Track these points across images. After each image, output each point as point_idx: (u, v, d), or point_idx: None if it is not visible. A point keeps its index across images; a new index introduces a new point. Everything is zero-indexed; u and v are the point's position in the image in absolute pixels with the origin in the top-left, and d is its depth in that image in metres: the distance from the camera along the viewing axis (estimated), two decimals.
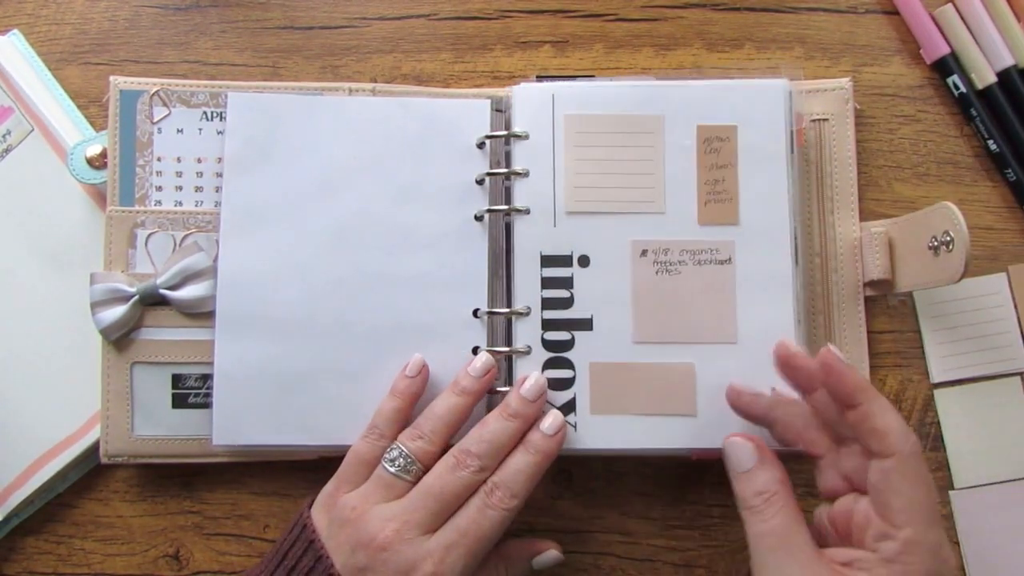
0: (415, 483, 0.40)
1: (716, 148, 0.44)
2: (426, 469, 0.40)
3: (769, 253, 0.43)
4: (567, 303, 0.44)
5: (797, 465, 0.40)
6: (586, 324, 0.43)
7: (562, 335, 0.43)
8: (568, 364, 0.43)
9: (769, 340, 0.43)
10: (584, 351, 0.43)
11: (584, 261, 0.44)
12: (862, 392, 0.36)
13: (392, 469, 0.40)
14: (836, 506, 0.37)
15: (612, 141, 0.44)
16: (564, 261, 0.44)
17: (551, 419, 0.41)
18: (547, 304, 0.44)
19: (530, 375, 0.42)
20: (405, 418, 0.42)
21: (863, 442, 0.36)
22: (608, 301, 0.43)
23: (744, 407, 0.40)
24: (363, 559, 0.38)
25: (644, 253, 0.43)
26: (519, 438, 0.40)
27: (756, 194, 0.43)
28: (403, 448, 0.40)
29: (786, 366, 0.39)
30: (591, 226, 0.44)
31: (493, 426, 0.40)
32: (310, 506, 0.41)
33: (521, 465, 0.40)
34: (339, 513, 0.40)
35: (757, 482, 0.37)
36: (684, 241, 0.43)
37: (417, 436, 0.41)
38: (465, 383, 0.42)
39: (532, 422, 0.41)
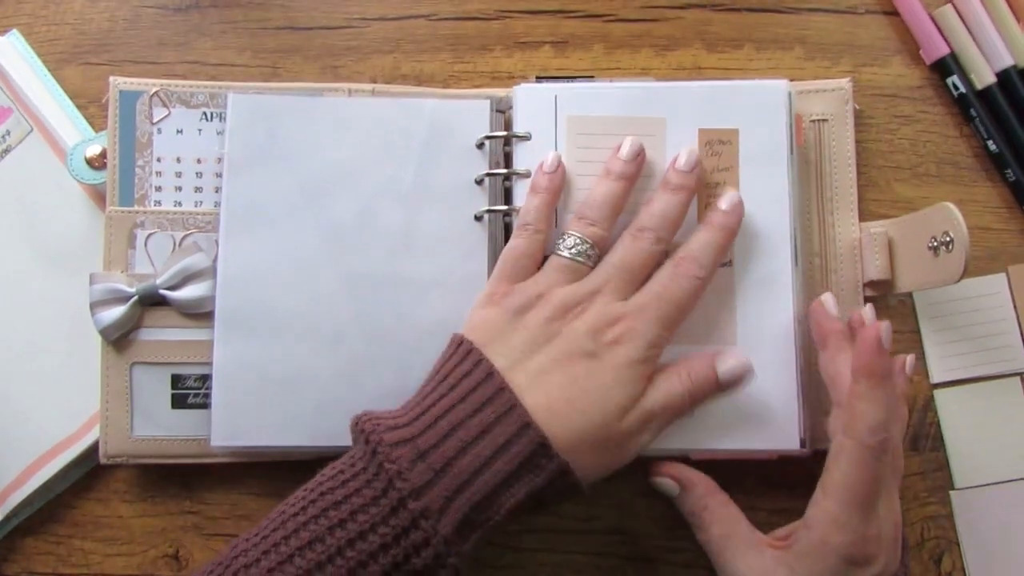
0: (592, 269, 0.41)
1: (718, 152, 0.44)
2: (601, 255, 0.41)
3: (769, 254, 0.43)
4: None
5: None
6: None
7: None
8: None
9: (769, 341, 0.43)
10: None
11: None
12: (871, 377, 0.37)
13: (569, 254, 0.40)
14: None
15: (614, 143, 0.44)
16: None
17: (727, 197, 0.42)
18: None
19: (681, 151, 0.42)
20: (553, 212, 0.42)
21: (844, 413, 0.38)
22: None
23: (816, 315, 0.42)
24: (558, 327, 0.39)
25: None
26: (686, 210, 0.42)
27: (756, 195, 0.43)
28: (577, 234, 0.41)
29: (813, 317, 0.42)
30: None
31: (659, 201, 0.41)
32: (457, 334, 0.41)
33: (706, 239, 0.41)
34: (518, 300, 0.40)
35: (686, 504, 0.41)
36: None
37: (588, 223, 0.41)
38: (618, 167, 0.42)
39: (694, 193, 0.42)
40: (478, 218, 0.45)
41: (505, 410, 0.36)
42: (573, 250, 0.40)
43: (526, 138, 0.44)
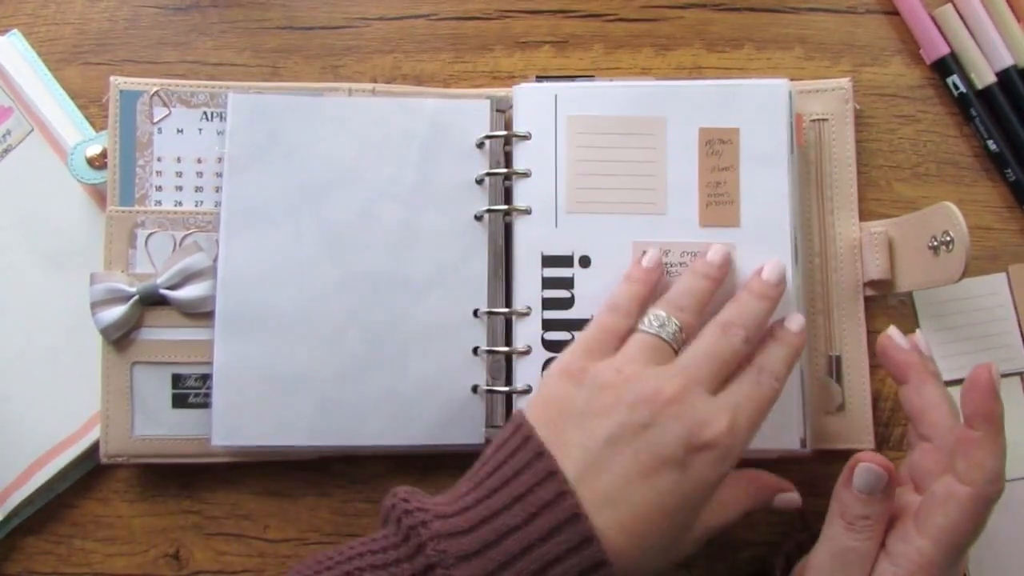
0: (677, 353, 0.38)
1: (718, 151, 0.44)
2: (687, 342, 0.38)
3: (769, 254, 0.43)
4: (568, 303, 0.44)
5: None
6: (584, 325, 0.43)
7: (562, 335, 0.43)
8: None
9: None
10: None
11: (585, 262, 0.44)
12: (991, 423, 0.35)
13: (656, 330, 0.38)
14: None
15: (614, 142, 0.44)
16: (565, 261, 0.44)
17: (795, 319, 0.40)
18: (548, 304, 0.44)
19: (768, 261, 0.41)
20: (647, 303, 0.40)
21: (957, 458, 0.36)
22: None
23: (885, 347, 0.41)
24: (646, 414, 0.34)
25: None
26: (768, 319, 0.40)
27: (756, 195, 0.43)
28: (667, 316, 0.38)
29: (883, 355, 0.41)
30: (592, 227, 0.44)
31: (747, 304, 0.39)
32: (520, 412, 0.37)
33: (780, 354, 0.38)
34: (600, 377, 0.36)
35: (869, 508, 0.37)
36: (685, 243, 0.43)
37: (677, 308, 0.39)
38: (705, 269, 0.41)
39: (776, 304, 0.40)
40: (478, 218, 0.45)
41: (579, 541, 0.32)
42: (663, 329, 0.38)
43: (526, 138, 0.44)
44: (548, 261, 0.44)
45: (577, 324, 0.43)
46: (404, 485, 0.36)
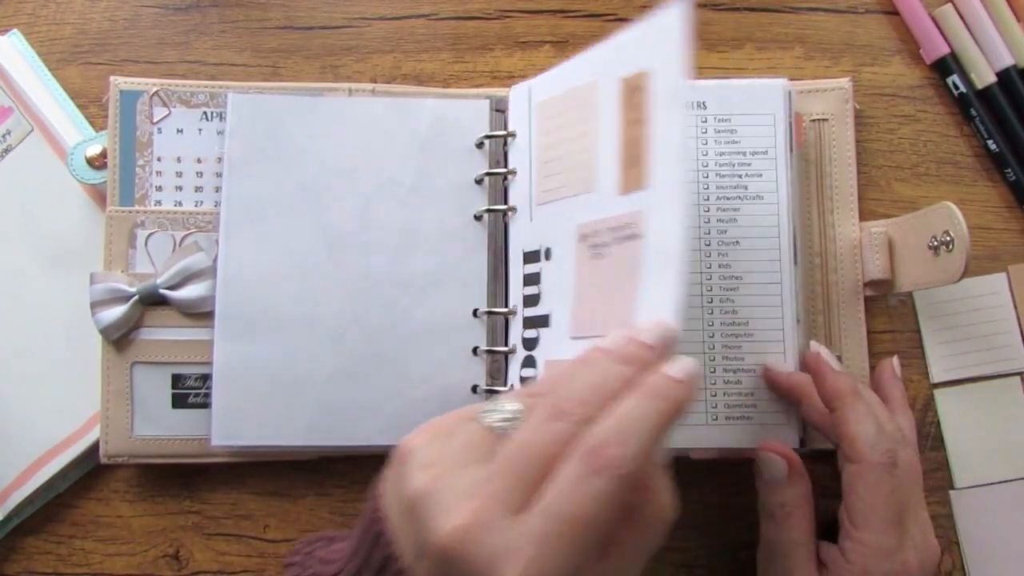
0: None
1: (635, 103, 0.36)
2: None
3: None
4: (536, 300, 0.42)
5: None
6: (544, 321, 0.41)
7: (532, 333, 0.42)
8: (533, 363, 0.42)
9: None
10: (543, 350, 0.41)
11: (548, 254, 0.41)
12: (839, 399, 0.37)
13: (489, 422, 0.29)
14: None
15: (568, 122, 0.41)
16: (535, 257, 0.42)
17: (681, 363, 0.29)
18: (527, 302, 0.43)
19: (652, 323, 0.30)
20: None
21: (839, 443, 0.37)
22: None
23: (771, 381, 0.42)
24: (431, 556, 0.27)
25: (584, 238, 0.38)
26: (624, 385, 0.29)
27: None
28: (509, 407, 0.29)
29: (771, 385, 0.42)
30: (551, 216, 0.41)
31: (597, 366, 0.29)
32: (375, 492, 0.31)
33: (637, 413, 0.27)
34: (410, 470, 0.28)
35: (782, 496, 0.38)
36: (606, 218, 0.38)
37: (527, 396, 0.30)
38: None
39: (647, 368, 0.29)
40: (478, 217, 0.45)
41: None
42: (490, 415, 0.29)
43: (514, 136, 0.45)
44: (527, 257, 0.43)
45: (540, 320, 0.41)
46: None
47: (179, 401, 0.45)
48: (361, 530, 0.30)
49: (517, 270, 0.44)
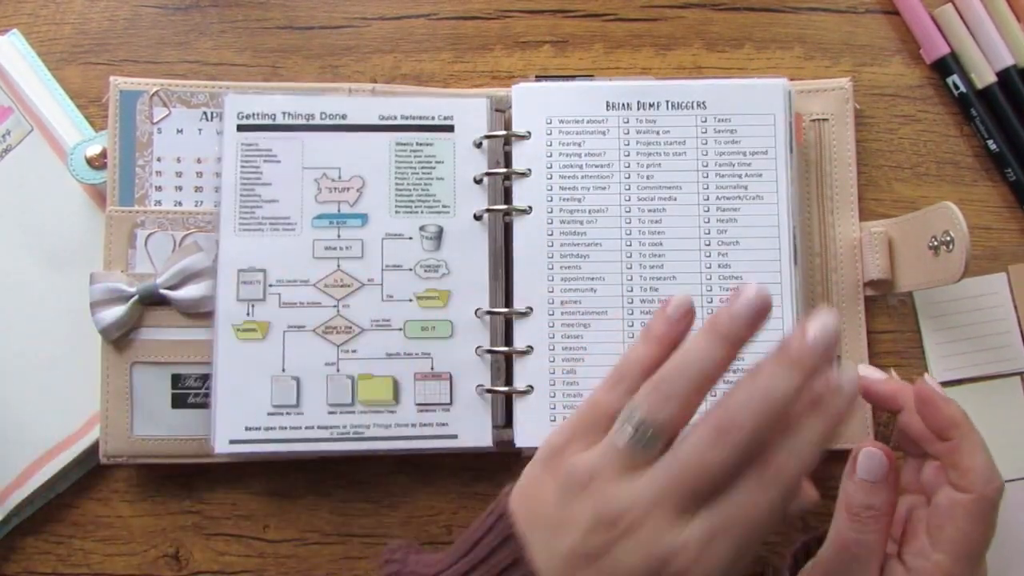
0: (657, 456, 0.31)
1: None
2: (671, 440, 0.31)
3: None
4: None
5: None
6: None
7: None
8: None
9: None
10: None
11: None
12: (955, 428, 0.36)
13: (627, 443, 0.31)
14: (901, 500, 0.38)
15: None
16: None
17: (847, 373, 0.31)
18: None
19: (817, 317, 0.31)
20: (656, 370, 0.32)
21: (947, 470, 0.36)
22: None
23: (865, 389, 0.39)
24: (599, 542, 0.30)
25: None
26: (794, 402, 0.30)
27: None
28: (642, 416, 0.31)
29: (866, 394, 0.39)
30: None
31: (767, 382, 0.30)
32: (508, 493, 0.34)
33: (808, 436, 0.30)
34: (573, 476, 0.31)
35: (873, 498, 0.36)
36: None
37: (662, 399, 0.31)
38: (726, 327, 0.31)
39: (811, 375, 0.30)
40: (477, 217, 0.45)
41: None
42: (633, 439, 0.31)
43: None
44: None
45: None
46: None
47: (179, 401, 0.45)
48: (483, 530, 0.32)
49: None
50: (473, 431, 0.44)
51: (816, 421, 0.30)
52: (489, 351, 0.44)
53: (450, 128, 0.45)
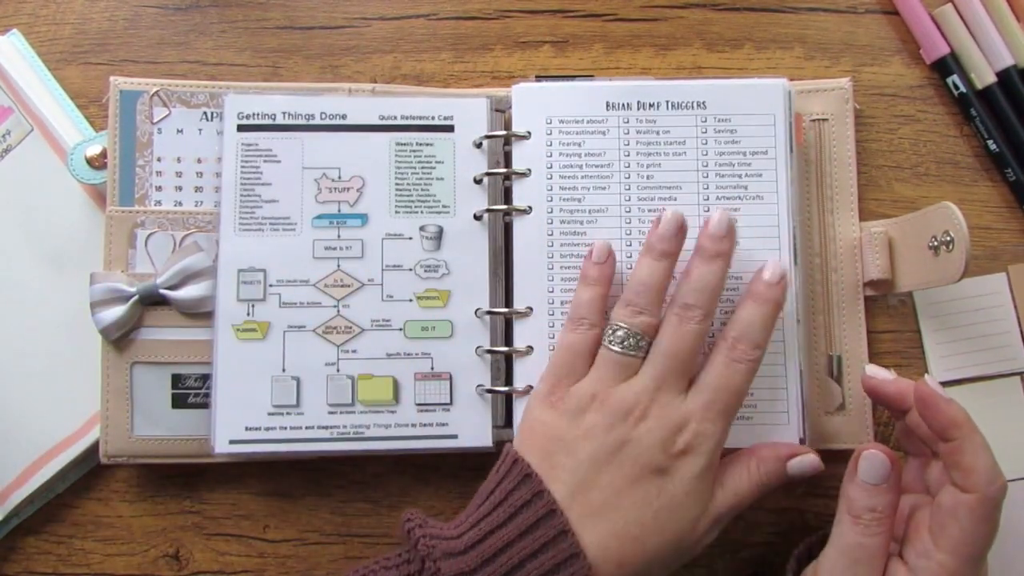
0: (645, 358, 0.39)
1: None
2: (652, 340, 0.39)
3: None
4: None
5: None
6: None
7: None
8: None
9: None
10: None
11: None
12: (957, 428, 0.36)
13: (620, 349, 0.39)
14: (904, 499, 0.38)
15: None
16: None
17: (770, 268, 0.40)
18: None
19: (712, 214, 0.40)
20: (606, 304, 0.41)
21: (950, 470, 0.36)
22: None
23: (872, 389, 0.40)
24: (618, 436, 0.37)
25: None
26: (725, 275, 0.40)
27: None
28: (625, 325, 0.39)
29: (873, 394, 0.40)
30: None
31: (696, 274, 0.40)
32: (510, 445, 0.39)
33: (753, 316, 0.39)
34: (576, 402, 0.39)
35: (875, 500, 0.37)
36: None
37: (636, 312, 0.39)
38: (661, 246, 0.40)
39: (730, 258, 0.40)
40: (477, 217, 0.45)
41: (566, 557, 0.35)
42: (624, 344, 0.39)
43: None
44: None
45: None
46: (409, 500, 0.43)
47: (179, 401, 0.45)
48: (496, 481, 0.38)
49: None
50: (473, 431, 0.44)
51: (752, 307, 0.40)
52: (489, 351, 0.44)
53: (450, 128, 0.46)
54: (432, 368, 0.44)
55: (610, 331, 0.39)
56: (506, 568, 0.35)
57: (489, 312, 0.44)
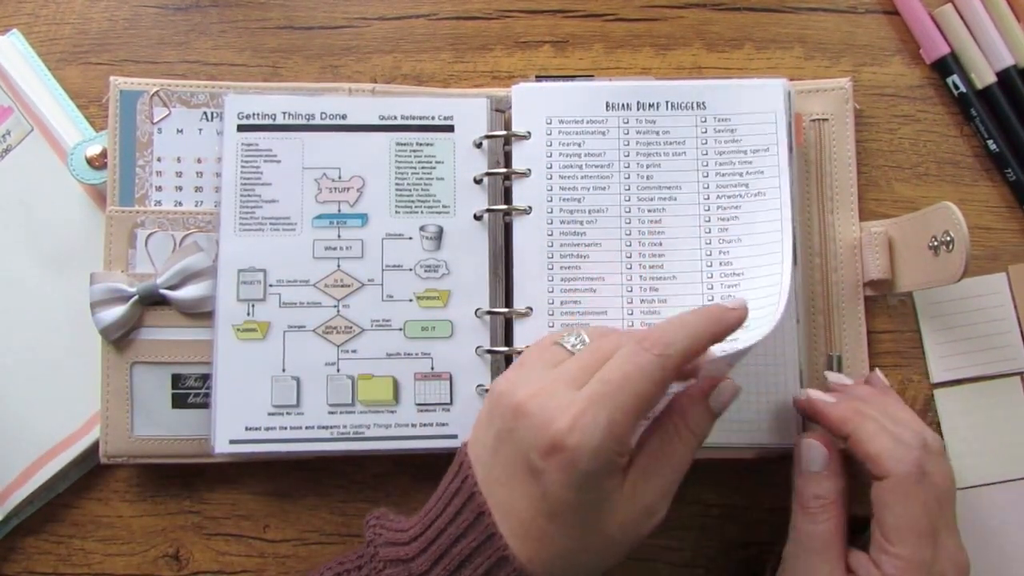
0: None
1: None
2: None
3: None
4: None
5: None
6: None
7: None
8: None
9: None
10: None
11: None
12: (846, 423, 0.37)
13: (561, 342, 0.36)
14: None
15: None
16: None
17: (736, 300, 0.37)
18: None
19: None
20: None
21: (863, 465, 0.37)
22: None
23: (813, 413, 0.40)
24: (509, 418, 0.33)
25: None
26: (693, 345, 0.35)
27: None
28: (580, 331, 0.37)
29: (816, 416, 0.40)
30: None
31: (674, 322, 0.35)
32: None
33: (685, 320, 0.35)
34: (497, 385, 0.36)
35: (819, 487, 0.38)
36: None
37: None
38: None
39: (714, 339, 0.36)
40: (477, 217, 0.45)
41: (484, 539, 0.33)
42: (565, 339, 0.37)
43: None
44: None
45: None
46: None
47: (179, 401, 0.45)
48: (448, 480, 0.36)
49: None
50: None
51: (691, 313, 0.35)
52: (489, 351, 0.44)
53: (450, 128, 0.46)
54: (432, 368, 0.44)
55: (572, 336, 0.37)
56: (438, 553, 0.33)
57: (489, 312, 0.44)
